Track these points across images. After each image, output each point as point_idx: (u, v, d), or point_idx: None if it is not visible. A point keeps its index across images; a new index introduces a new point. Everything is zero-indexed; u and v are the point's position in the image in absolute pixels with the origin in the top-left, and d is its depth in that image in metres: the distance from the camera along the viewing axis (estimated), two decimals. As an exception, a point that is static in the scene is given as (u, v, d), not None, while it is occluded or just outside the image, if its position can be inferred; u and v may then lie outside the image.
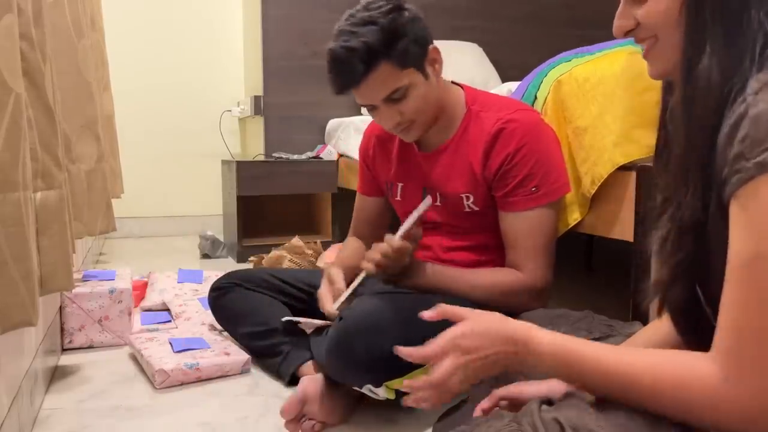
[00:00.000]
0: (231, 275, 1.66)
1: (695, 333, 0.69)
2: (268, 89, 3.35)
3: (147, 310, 2.01)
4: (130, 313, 1.76)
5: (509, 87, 1.77)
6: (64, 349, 1.71)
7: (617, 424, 0.63)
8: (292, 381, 1.43)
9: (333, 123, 3.26)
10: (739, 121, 0.57)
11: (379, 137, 1.52)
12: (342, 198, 3.10)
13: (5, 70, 0.87)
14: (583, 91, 1.39)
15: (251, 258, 2.72)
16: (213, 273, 2.22)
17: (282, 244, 2.63)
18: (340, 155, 3.12)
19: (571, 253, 2.53)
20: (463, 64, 3.30)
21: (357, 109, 3.20)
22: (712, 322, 0.62)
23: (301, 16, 3.33)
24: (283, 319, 1.50)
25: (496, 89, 1.86)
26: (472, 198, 1.36)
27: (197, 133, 3.84)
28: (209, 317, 1.78)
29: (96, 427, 1.26)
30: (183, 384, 1.46)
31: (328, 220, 3.20)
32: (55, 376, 1.52)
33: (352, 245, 1.56)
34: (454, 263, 1.38)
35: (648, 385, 0.62)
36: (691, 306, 0.68)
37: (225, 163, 3.29)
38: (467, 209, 1.37)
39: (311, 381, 1.28)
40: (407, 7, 1.26)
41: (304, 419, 1.24)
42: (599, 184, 1.32)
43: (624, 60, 1.33)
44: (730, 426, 0.58)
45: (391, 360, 1.17)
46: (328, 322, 1.34)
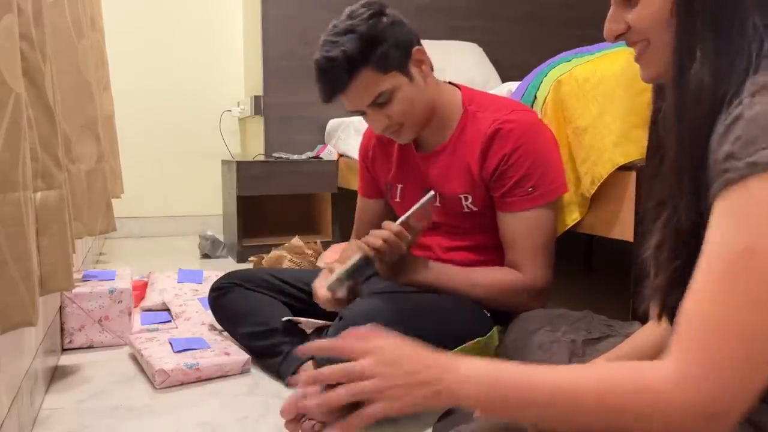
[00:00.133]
0: (231, 275, 1.66)
1: None
2: (268, 89, 3.35)
3: (147, 310, 2.01)
4: (130, 313, 1.76)
5: (509, 87, 1.77)
6: (64, 349, 1.71)
7: None
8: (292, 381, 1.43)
9: (333, 123, 3.26)
10: (733, 123, 0.56)
11: (379, 139, 1.52)
12: (342, 198, 3.10)
13: (5, 70, 0.87)
14: (583, 91, 1.39)
15: (251, 258, 2.73)
16: (213, 273, 2.22)
17: (282, 244, 2.64)
18: (340, 155, 3.12)
19: (570, 253, 2.53)
20: (463, 64, 3.31)
21: (357, 109, 3.20)
22: None
23: (301, 16, 3.33)
24: (283, 319, 1.50)
25: (496, 89, 1.86)
26: (470, 198, 1.36)
27: (197, 133, 3.84)
28: (209, 317, 1.78)
29: (96, 427, 1.26)
30: (183, 384, 1.46)
31: (328, 220, 3.20)
32: (55, 376, 1.52)
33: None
34: (453, 263, 1.38)
35: (593, 402, 0.57)
36: None
37: (225, 163, 3.29)
38: (466, 209, 1.37)
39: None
40: (387, 12, 1.28)
41: (304, 419, 1.24)
42: (599, 184, 1.32)
43: (624, 60, 1.33)
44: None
45: (391, 360, 1.18)
46: (328, 322, 1.34)
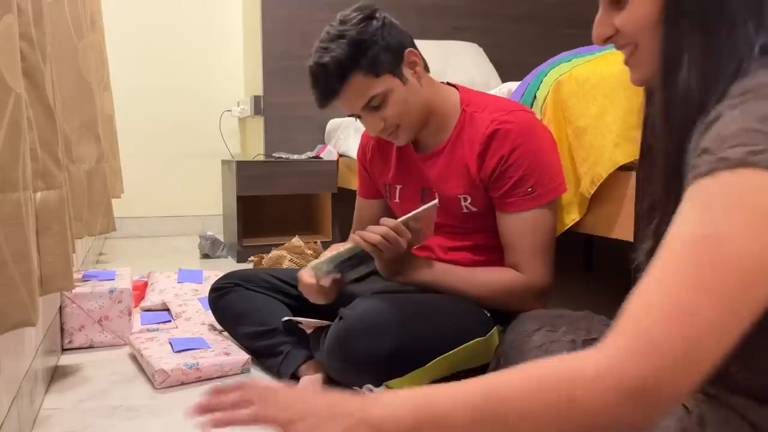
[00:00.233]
0: (231, 275, 1.66)
1: None
2: (268, 89, 3.35)
3: (147, 310, 2.01)
4: (130, 313, 1.76)
5: (509, 87, 1.77)
6: (64, 349, 1.71)
7: None
8: (292, 381, 1.43)
9: (333, 123, 3.26)
10: (713, 122, 0.56)
11: (377, 140, 1.52)
12: (342, 198, 3.10)
13: (5, 70, 0.87)
14: (583, 91, 1.39)
15: (251, 258, 2.73)
16: (213, 273, 2.22)
17: (282, 244, 2.64)
18: (340, 155, 3.12)
19: (570, 253, 2.53)
20: (463, 64, 3.31)
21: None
22: None
23: (301, 16, 3.33)
24: (283, 319, 1.50)
25: (496, 89, 1.86)
26: (469, 199, 1.36)
27: (197, 133, 3.84)
28: (209, 317, 1.78)
29: (96, 427, 1.26)
30: (183, 384, 1.46)
31: (328, 220, 3.20)
32: (55, 376, 1.52)
33: None
34: (454, 263, 1.38)
35: (524, 403, 0.52)
36: None
37: (225, 163, 3.29)
38: (465, 210, 1.37)
39: (311, 381, 1.28)
40: (378, 15, 1.28)
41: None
42: (599, 184, 1.32)
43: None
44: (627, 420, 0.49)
45: (391, 360, 1.18)
46: (329, 322, 1.34)
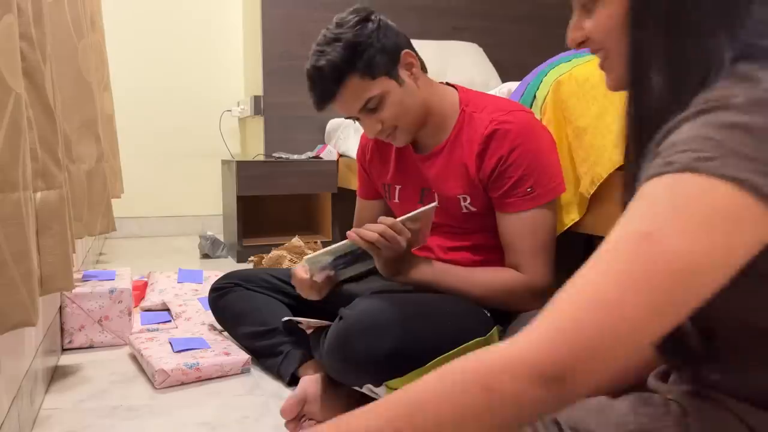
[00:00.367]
0: (231, 275, 1.66)
1: (672, 347, 0.66)
2: (268, 89, 3.35)
3: (147, 310, 2.01)
4: (130, 313, 1.76)
5: (509, 87, 1.77)
6: (64, 349, 1.71)
7: (619, 423, 0.63)
8: (292, 381, 1.43)
9: (333, 123, 3.26)
10: (671, 131, 0.53)
11: (377, 140, 1.52)
12: (342, 198, 3.10)
13: (5, 70, 0.87)
14: (583, 91, 1.39)
15: (251, 258, 2.73)
16: (213, 273, 2.22)
17: (282, 244, 2.64)
18: (340, 155, 3.12)
19: (570, 253, 2.53)
20: (463, 64, 3.31)
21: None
22: (690, 340, 0.61)
23: (301, 16, 3.33)
24: (283, 319, 1.50)
25: (496, 89, 1.86)
26: (469, 199, 1.35)
27: (197, 133, 3.84)
28: (209, 317, 1.78)
29: (96, 427, 1.26)
30: (183, 384, 1.46)
31: (328, 220, 3.20)
32: (55, 376, 1.52)
33: None
34: (454, 263, 1.38)
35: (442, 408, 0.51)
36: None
37: (225, 163, 3.29)
38: (465, 210, 1.37)
39: (311, 381, 1.28)
40: (373, 17, 1.29)
41: (304, 419, 1.24)
42: (599, 184, 1.32)
43: (624, 60, 1.33)
44: None
45: (391, 360, 1.17)
46: (329, 322, 1.34)
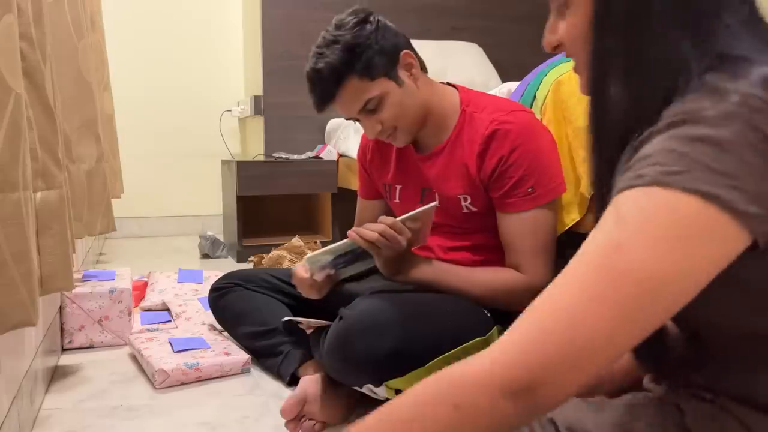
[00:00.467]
0: (231, 275, 1.66)
1: (651, 355, 0.67)
2: (268, 89, 3.35)
3: (147, 310, 2.01)
4: (130, 313, 1.76)
5: (509, 87, 1.77)
6: (64, 349, 1.71)
7: (615, 423, 0.63)
8: (292, 381, 1.43)
9: (333, 123, 3.26)
10: (642, 144, 0.52)
11: (377, 140, 1.52)
12: (342, 198, 3.10)
13: (5, 70, 0.87)
14: (583, 91, 1.39)
15: (251, 258, 2.73)
16: (213, 273, 2.22)
17: (282, 244, 2.64)
18: (340, 155, 3.12)
19: (570, 253, 2.51)
20: (463, 64, 3.31)
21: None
22: (678, 346, 0.61)
23: (301, 16, 3.33)
24: (283, 319, 1.50)
25: (496, 89, 1.86)
26: (469, 199, 1.35)
27: (197, 133, 3.84)
28: (209, 317, 1.78)
29: (96, 427, 1.26)
30: (183, 384, 1.46)
31: (328, 220, 3.20)
32: (55, 376, 1.52)
33: None
34: (454, 263, 1.38)
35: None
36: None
37: (225, 163, 3.29)
38: (465, 210, 1.37)
39: (311, 381, 1.28)
40: (372, 19, 1.29)
41: (304, 419, 1.24)
42: (599, 184, 1.32)
43: (624, 60, 1.33)
44: None
45: (391, 360, 1.17)
46: (329, 322, 1.34)
